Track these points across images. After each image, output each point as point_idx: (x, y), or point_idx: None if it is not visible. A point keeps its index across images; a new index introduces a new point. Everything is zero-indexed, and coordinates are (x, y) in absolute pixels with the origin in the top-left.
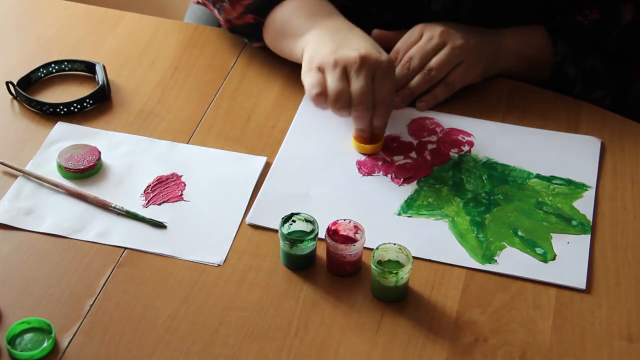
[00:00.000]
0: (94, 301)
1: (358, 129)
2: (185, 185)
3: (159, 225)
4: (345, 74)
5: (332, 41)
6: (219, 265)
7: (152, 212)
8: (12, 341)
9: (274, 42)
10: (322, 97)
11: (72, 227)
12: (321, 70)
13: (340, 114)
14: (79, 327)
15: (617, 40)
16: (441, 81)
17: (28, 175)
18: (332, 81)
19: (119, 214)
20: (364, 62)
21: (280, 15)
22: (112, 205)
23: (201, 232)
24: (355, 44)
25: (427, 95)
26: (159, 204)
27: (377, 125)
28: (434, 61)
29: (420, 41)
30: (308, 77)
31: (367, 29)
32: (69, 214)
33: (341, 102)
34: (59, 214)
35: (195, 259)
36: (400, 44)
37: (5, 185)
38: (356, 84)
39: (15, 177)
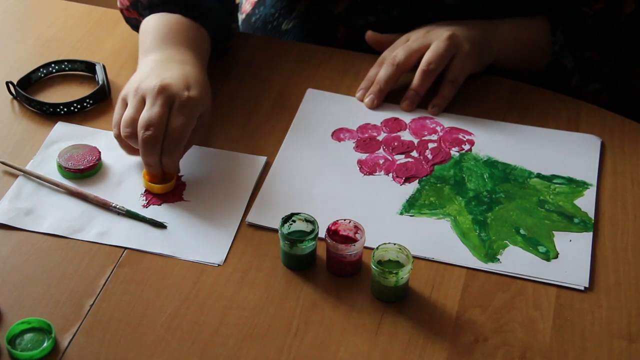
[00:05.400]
0: (94, 301)
1: (145, 163)
2: (185, 185)
3: (159, 225)
4: (143, 103)
5: (149, 70)
6: (219, 265)
7: (153, 212)
8: (12, 341)
9: None
10: (120, 139)
11: (72, 227)
12: (125, 101)
13: (130, 146)
14: (79, 327)
15: (618, 32)
16: (444, 81)
17: (28, 174)
18: (128, 109)
19: (119, 213)
20: (162, 91)
21: (145, 24)
22: (113, 205)
23: (201, 232)
24: (169, 73)
25: (435, 99)
26: (159, 204)
27: (165, 163)
28: (429, 54)
29: (407, 42)
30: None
31: (374, 26)
32: (69, 214)
33: (130, 129)
34: (59, 214)
35: (196, 258)
36: (385, 53)
37: (5, 185)
38: (146, 112)
39: (15, 177)
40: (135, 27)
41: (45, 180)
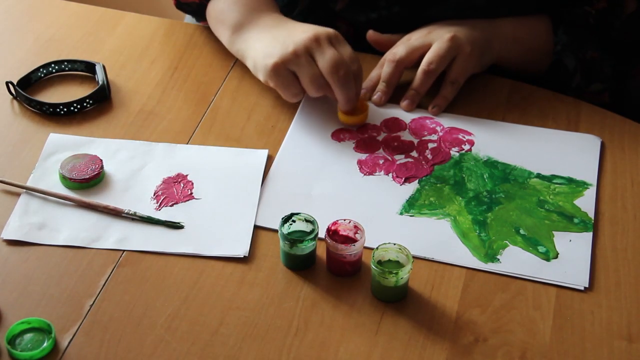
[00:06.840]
0: (94, 301)
1: (347, 98)
2: (193, 183)
3: (177, 226)
4: (309, 57)
5: (275, 38)
6: (244, 256)
7: (166, 214)
8: (12, 341)
9: (213, 26)
10: (300, 95)
11: (90, 237)
12: (285, 65)
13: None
14: (79, 327)
15: (619, 32)
16: (445, 81)
17: (32, 191)
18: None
19: (133, 219)
20: (318, 39)
21: (219, 3)
22: (125, 211)
23: (219, 227)
24: (300, 28)
25: (436, 99)
26: (171, 205)
27: (356, 93)
28: (430, 54)
29: (408, 41)
30: (275, 80)
31: (376, 23)
32: (83, 224)
33: (317, 86)
34: (73, 225)
35: (220, 253)
36: (387, 53)
37: (9, 202)
38: (334, 54)
39: (18, 193)
40: (196, 12)
41: (50, 194)
